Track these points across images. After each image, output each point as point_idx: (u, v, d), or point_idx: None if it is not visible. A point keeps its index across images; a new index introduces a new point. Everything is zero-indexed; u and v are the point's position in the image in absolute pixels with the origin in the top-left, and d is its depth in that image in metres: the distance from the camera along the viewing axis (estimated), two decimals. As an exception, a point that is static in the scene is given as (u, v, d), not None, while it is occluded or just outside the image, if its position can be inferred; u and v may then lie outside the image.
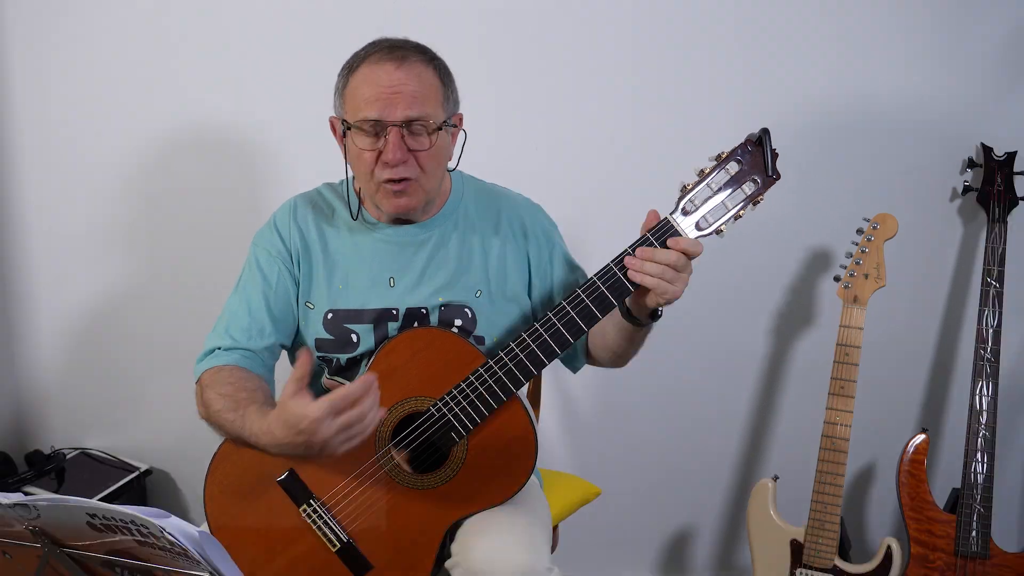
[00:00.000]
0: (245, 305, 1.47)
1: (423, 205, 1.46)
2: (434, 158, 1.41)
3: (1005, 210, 2.01)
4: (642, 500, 2.35)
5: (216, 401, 1.38)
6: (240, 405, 1.35)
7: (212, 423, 1.40)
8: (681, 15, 2.08)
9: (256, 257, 1.51)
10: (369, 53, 1.40)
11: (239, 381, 1.40)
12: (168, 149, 2.13)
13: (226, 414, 1.36)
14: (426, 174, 1.41)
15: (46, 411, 2.28)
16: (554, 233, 1.60)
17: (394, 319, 1.47)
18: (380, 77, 1.36)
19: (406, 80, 1.36)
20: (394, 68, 1.36)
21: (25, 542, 1.04)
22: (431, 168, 1.41)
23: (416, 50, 1.41)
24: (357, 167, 1.43)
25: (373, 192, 1.44)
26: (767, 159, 1.30)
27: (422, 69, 1.39)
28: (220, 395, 1.38)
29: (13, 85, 2.10)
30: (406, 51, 1.39)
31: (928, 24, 2.07)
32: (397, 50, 1.39)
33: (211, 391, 1.39)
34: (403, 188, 1.40)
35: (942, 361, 2.24)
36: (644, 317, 1.39)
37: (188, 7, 2.07)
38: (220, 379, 1.41)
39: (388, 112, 1.36)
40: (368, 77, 1.38)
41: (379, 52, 1.39)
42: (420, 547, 1.40)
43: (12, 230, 2.18)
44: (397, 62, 1.37)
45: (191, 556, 0.94)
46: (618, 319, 1.41)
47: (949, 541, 1.94)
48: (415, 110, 1.36)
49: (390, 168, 1.37)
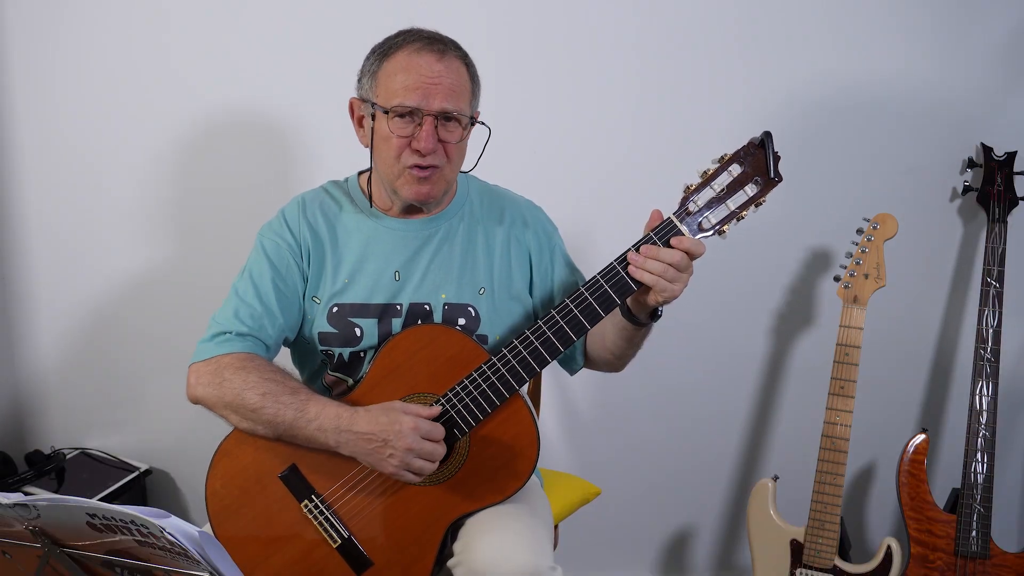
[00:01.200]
0: (254, 291, 1.46)
1: (441, 195, 1.48)
2: (460, 151, 1.45)
3: (1005, 210, 2.01)
4: (642, 500, 2.35)
5: (261, 384, 1.36)
6: (300, 391, 1.37)
7: (229, 406, 1.38)
8: (682, 17, 2.08)
9: (264, 247, 1.50)
10: (407, 41, 1.41)
11: (282, 370, 1.42)
12: (169, 149, 2.13)
13: (282, 396, 1.36)
14: (451, 165, 1.44)
15: (46, 411, 2.28)
16: (555, 234, 1.61)
17: (398, 314, 1.48)
18: (421, 67, 1.39)
19: (446, 73, 1.39)
20: (435, 60, 1.39)
21: (25, 542, 1.04)
22: (456, 159, 1.45)
23: (453, 46, 1.44)
24: (383, 150, 1.44)
25: (395, 177, 1.44)
26: (769, 161, 1.31)
27: (459, 65, 1.42)
28: (266, 379, 1.37)
29: (13, 85, 2.10)
30: (445, 45, 1.42)
31: (928, 24, 2.07)
32: (437, 43, 1.41)
33: (252, 375, 1.37)
34: (428, 175, 1.42)
35: (942, 361, 2.24)
36: (644, 317, 1.40)
37: (188, 4, 2.07)
38: (261, 365, 1.40)
39: (427, 102, 1.38)
40: (407, 65, 1.39)
41: (419, 42, 1.41)
42: (421, 544, 1.41)
43: (12, 230, 2.18)
44: (438, 55, 1.40)
45: (191, 556, 0.94)
46: (618, 319, 1.42)
47: (949, 541, 1.94)
48: (451, 103, 1.39)
49: (420, 156, 1.40)
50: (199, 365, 1.42)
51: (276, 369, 1.42)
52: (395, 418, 1.32)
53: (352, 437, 1.33)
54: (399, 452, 1.31)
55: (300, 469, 1.40)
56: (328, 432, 1.34)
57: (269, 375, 1.39)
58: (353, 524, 1.40)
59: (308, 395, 1.37)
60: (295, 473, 1.40)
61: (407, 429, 1.31)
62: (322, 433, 1.34)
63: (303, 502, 1.40)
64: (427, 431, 1.32)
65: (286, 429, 1.36)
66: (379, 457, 1.33)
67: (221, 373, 1.39)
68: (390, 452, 1.31)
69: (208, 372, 1.40)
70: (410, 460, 1.31)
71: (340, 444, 1.34)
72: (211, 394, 1.39)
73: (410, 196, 1.45)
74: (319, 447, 1.37)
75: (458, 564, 1.38)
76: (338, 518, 1.40)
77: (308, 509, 1.40)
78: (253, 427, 1.38)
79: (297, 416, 1.35)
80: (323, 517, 1.40)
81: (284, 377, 1.40)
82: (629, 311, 1.40)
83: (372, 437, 1.32)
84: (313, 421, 1.34)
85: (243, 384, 1.37)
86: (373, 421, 1.33)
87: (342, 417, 1.34)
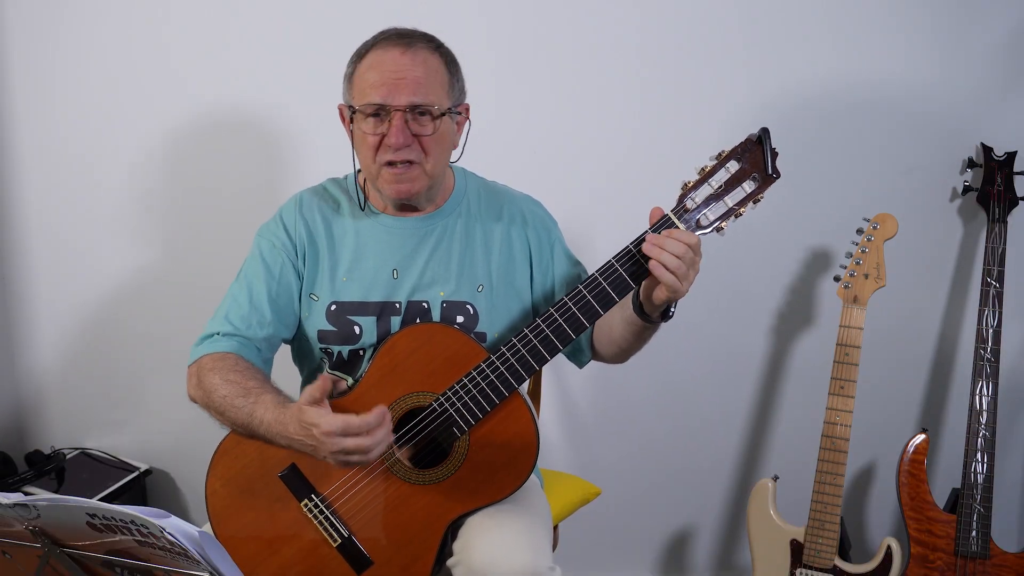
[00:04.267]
0: (246, 293, 1.47)
1: (425, 191, 1.46)
2: (438, 143, 1.42)
3: (1005, 210, 2.01)
4: (642, 500, 2.35)
5: (223, 387, 1.38)
6: (251, 393, 1.36)
7: (210, 407, 1.40)
8: (682, 16, 2.08)
9: (260, 248, 1.51)
10: (377, 41, 1.42)
11: (247, 370, 1.41)
12: (169, 148, 2.13)
13: (235, 399, 1.36)
14: (429, 158, 1.42)
15: (46, 411, 2.28)
16: (554, 228, 1.60)
17: (397, 312, 1.48)
18: (386, 62, 1.38)
19: (412, 65, 1.38)
20: (400, 54, 1.39)
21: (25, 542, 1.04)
22: (435, 153, 1.42)
23: (423, 38, 1.43)
24: (361, 151, 1.44)
25: (375, 177, 1.45)
26: (767, 158, 1.32)
27: (428, 55, 1.40)
28: (228, 381, 1.38)
29: (13, 85, 2.10)
30: (412, 38, 1.41)
31: (928, 24, 2.07)
32: (404, 37, 1.41)
33: (216, 376, 1.39)
34: (404, 172, 1.41)
35: (942, 361, 2.24)
36: (656, 315, 1.39)
37: (188, 6, 2.07)
38: (226, 365, 1.41)
39: (392, 96, 1.37)
40: (374, 62, 1.40)
41: (387, 39, 1.41)
42: (421, 543, 1.41)
43: (12, 230, 2.18)
44: (403, 48, 1.39)
45: (191, 556, 0.94)
46: (628, 313, 1.41)
47: (949, 541, 1.94)
48: (419, 96, 1.38)
49: (393, 150, 1.39)
50: (191, 367, 1.45)
51: (239, 369, 1.40)
52: (304, 430, 1.28)
53: (291, 440, 1.32)
54: (329, 455, 1.28)
55: (300, 468, 1.40)
56: (276, 436, 1.34)
57: (228, 375, 1.39)
58: (353, 523, 1.40)
59: (256, 396, 1.36)
60: (295, 472, 1.40)
61: (320, 435, 1.26)
62: (273, 436, 1.34)
63: (303, 501, 1.40)
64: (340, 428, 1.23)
65: (249, 432, 1.37)
66: (319, 454, 1.30)
67: (200, 374, 1.42)
68: (323, 453, 1.28)
69: (193, 373, 1.44)
70: (343, 458, 1.27)
71: (290, 445, 1.33)
72: (196, 395, 1.42)
73: (391, 195, 1.45)
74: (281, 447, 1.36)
75: (458, 563, 1.38)
76: (338, 517, 1.40)
77: (308, 508, 1.40)
78: (231, 427, 1.40)
79: (250, 420, 1.35)
80: (323, 516, 1.40)
81: (243, 377, 1.39)
82: (641, 307, 1.39)
83: (303, 442, 1.30)
84: (261, 426, 1.35)
85: (211, 386, 1.39)
86: (296, 428, 1.30)
87: (278, 422, 1.32)
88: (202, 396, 1.41)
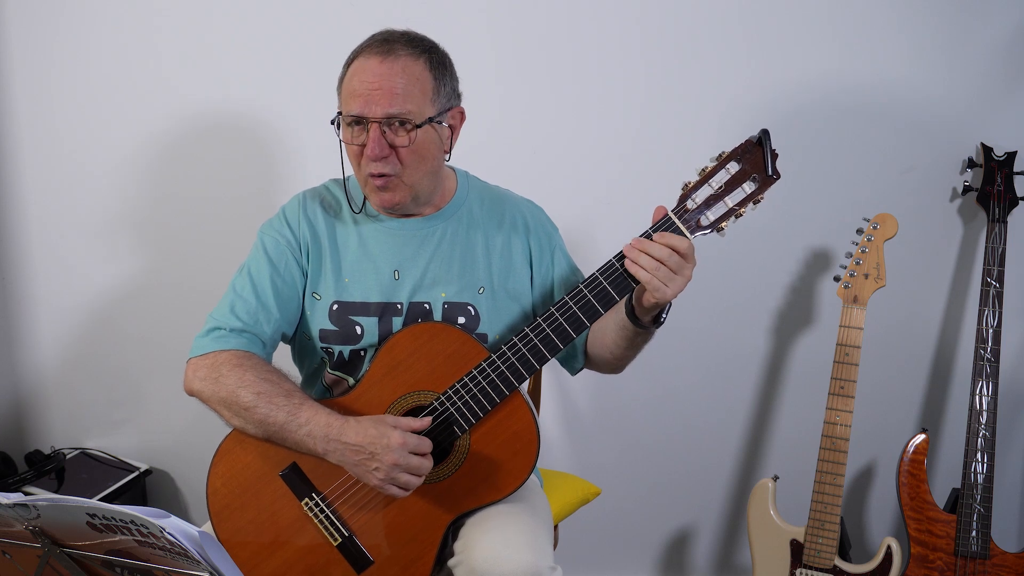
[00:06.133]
0: (251, 288, 1.46)
1: (409, 201, 1.46)
2: (415, 154, 1.40)
3: (1005, 210, 2.01)
4: (642, 500, 2.35)
5: (257, 383, 1.36)
6: (294, 395, 1.36)
7: (225, 401, 1.38)
8: (683, 16, 2.08)
9: (264, 244, 1.50)
10: (362, 48, 1.41)
11: (279, 372, 1.42)
12: (169, 148, 2.13)
13: (275, 397, 1.35)
14: (407, 170, 1.41)
15: (46, 411, 2.28)
16: (555, 234, 1.61)
17: (398, 313, 1.48)
18: (364, 72, 1.37)
19: (388, 76, 1.36)
20: (378, 63, 1.37)
21: (25, 542, 1.04)
22: (412, 164, 1.41)
23: (407, 43, 1.40)
24: (349, 159, 1.45)
25: (363, 185, 1.46)
26: (767, 159, 1.32)
27: (409, 63, 1.38)
28: (263, 379, 1.37)
29: (13, 85, 2.10)
30: (394, 44, 1.38)
31: (928, 24, 2.07)
32: (386, 44, 1.38)
33: (249, 373, 1.37)
34: (385, 184, 1.41)
35: (942, 361, 2.24)
36: (647, 320, 1.39)
37: (181, 8, 2.07)
38: (258, 364, 1.40)
39: (368, 108, 1.36)
40: (356, 70, 1.39)
41: (369, 47, 1.40)
42: (421, 542, 1.41)
43: (12, 230, 2.18)
44: (382, 56, 1.37)
45: (191, 556, 0.94)
46: (621, 318, 1.41)
47: (949, 541, 1.94)
48: (396, 107, 1.36)
49: (370, 161, 1.39)
50: (197, 360, 1.42)
51: (273, 369, 1.41)
52: (384, 431, 1.31)
53: (340, 447, 1.33)
54: (385, 466, 1.30)
55: (301, 468, 1.41)
56: (317, 439, 1.33)
57: (265, 375, 1.38)
58: (353, 523, 1.40)
59: (302, 399, 1.37)
60: (296, 472, 1.40)
61: (395, 444, 1.30)
62: (311, 439, 1.34)
63: (304, 501, 1.40)
64: (415, 445, 1.32)
65: (276, 431, 1.36)
66: (365, 469, 1.32)
67: (218, 369, 1.39)
68: (376, 465, 1.31)
69: (205, 367, 1.40)
70: (396, 475, 1.31)
71: (328, 452, 1.34)
72: (207, 389, 1.39)
73: (375, 204, 1.46)
74: (307, 452, 1.37)
75: (458, 563, 1.38)
76: (339, 517, 1.40)
77: (309, 508, 1.40)
78: (244, 425, 1.38)
79: (288, 419, 1.34)
80: (324, 516, 1.40)
81: (280, 378, 1.40)
82: (633, 311, 1.39)
83: (360, 449, 1.31)
84: (303, 426, 1.34)
85: (238, 382, 1.37)
86: (362, 433, 1.32)
87: (332, 426, 1.33)
88: (214, 390, 1.38)
